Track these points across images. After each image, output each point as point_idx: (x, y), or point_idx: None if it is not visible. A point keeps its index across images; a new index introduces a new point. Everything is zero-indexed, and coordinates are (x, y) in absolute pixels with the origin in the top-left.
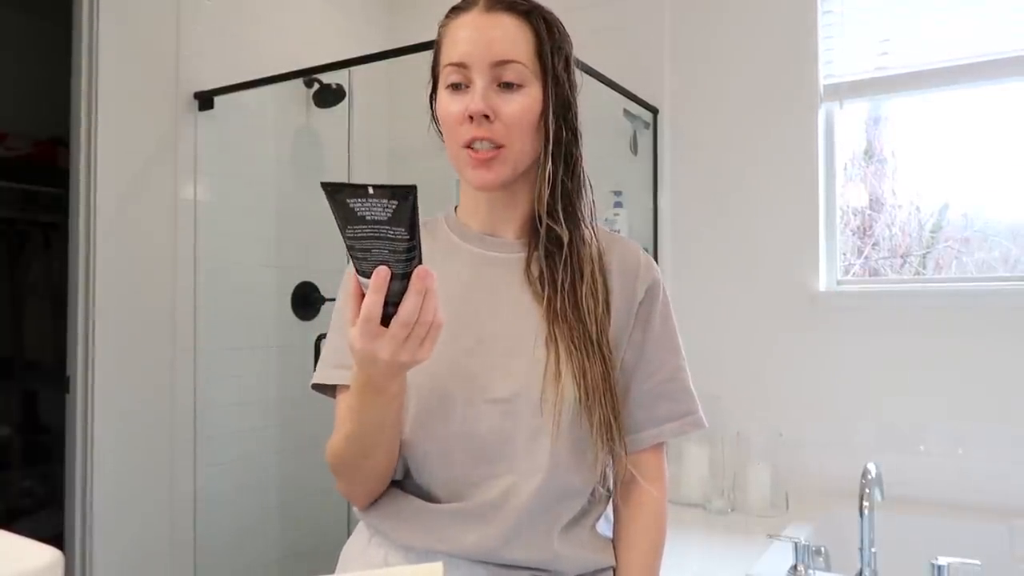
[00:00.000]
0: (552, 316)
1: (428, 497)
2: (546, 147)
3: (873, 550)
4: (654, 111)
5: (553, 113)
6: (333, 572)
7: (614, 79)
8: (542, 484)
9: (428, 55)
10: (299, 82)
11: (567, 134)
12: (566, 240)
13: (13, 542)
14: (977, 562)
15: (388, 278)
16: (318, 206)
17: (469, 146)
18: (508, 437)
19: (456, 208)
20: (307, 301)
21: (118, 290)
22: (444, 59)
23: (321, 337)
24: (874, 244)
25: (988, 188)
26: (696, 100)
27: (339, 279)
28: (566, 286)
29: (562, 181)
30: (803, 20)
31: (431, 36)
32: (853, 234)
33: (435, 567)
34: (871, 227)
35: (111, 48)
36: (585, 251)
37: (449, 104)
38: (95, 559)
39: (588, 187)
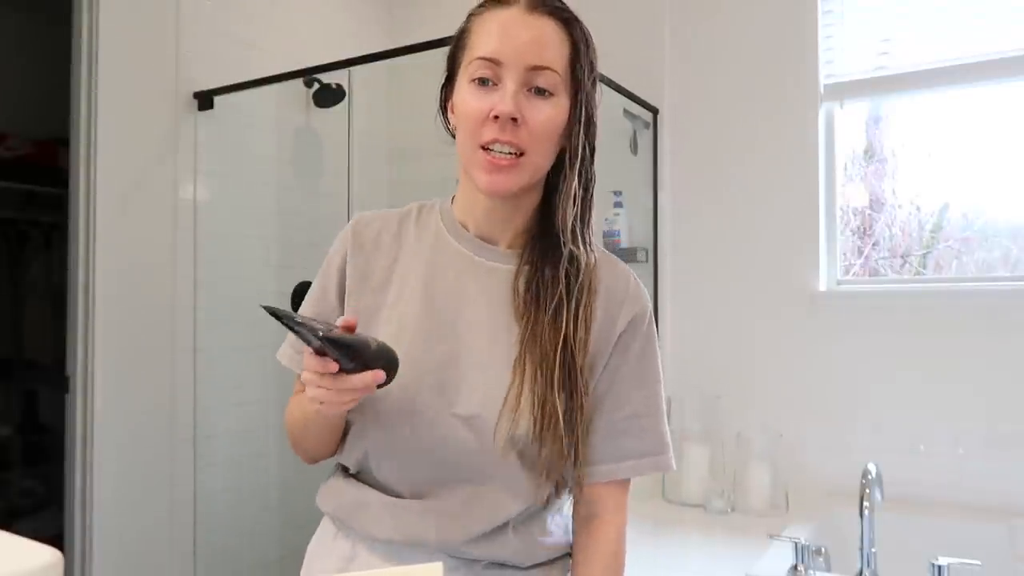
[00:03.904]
0: (527, 339)
1: (387, 491)
2: (571, 163)
3: (873, 550)
4: (654, 111)
5: (579, 129)
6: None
7: (614, 79)
8: (499, 495)
9: (429, 55)
10: (299, 82)
11: (590, 153)
12: (583, 263)
13: (13, 542)
14: (977, 562)
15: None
16: (318, 206)
17: (486, 147)
18: (470, 450)
19: (452, 200)
20: None
21: (118, 290)
22: (474, 51)
23: None
24: (874, 244)
25: (988, 188)
26: (696, 100)
27: None
28: (550, 310)
29: (582, 202)
30: (803, 20)
31: (431, 36)
32: (853, 234)
33: (435, 567)
34: (871, 227)
35: (111, 48)
36: (586, 276)
37: (473, 100)
38: (95, 559)
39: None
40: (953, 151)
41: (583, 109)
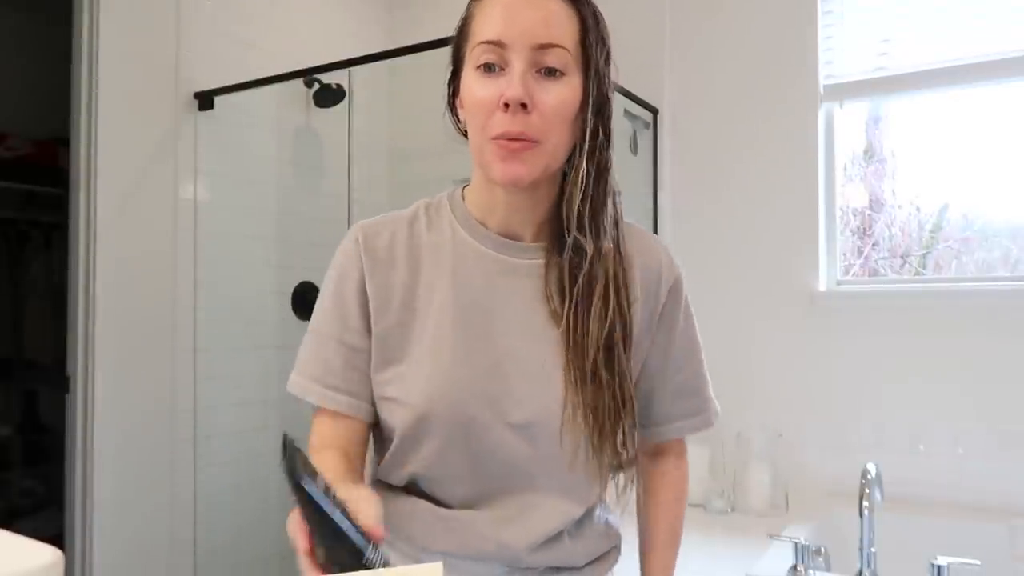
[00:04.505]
0: (569, 344)
1: (440, 503)
2: (581, 146)
3: (873, 550)
4: (654, 111)
5: (592, 109)
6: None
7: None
8: (559, 500)
9: (429, 55)
10: (299, 82)
11: (603, 133)
12: (589, 253)
13: (13, 542)
14: (977, 562)
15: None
16: (318, 206)
17: (498, 139)
18: (527, 458)
19: (463, 195)
20: (307, 301)
21: (118, 290)
22: (476, 37)
23: None
24: (874, 244)
25: (988, 188)
26: (696, 100)
27: None
28: (580, 310)
29: (593, 186)
30: (803, 20)
31: (431, 36)
32: (853, 234)
33: (435, 567)
34: (871, 227)
35: (111, 48)
36: (607, 266)
37: (479, 87)
38: (95, 559)
39: (614, 195)
40: (953, 151)
41: (596, 88)
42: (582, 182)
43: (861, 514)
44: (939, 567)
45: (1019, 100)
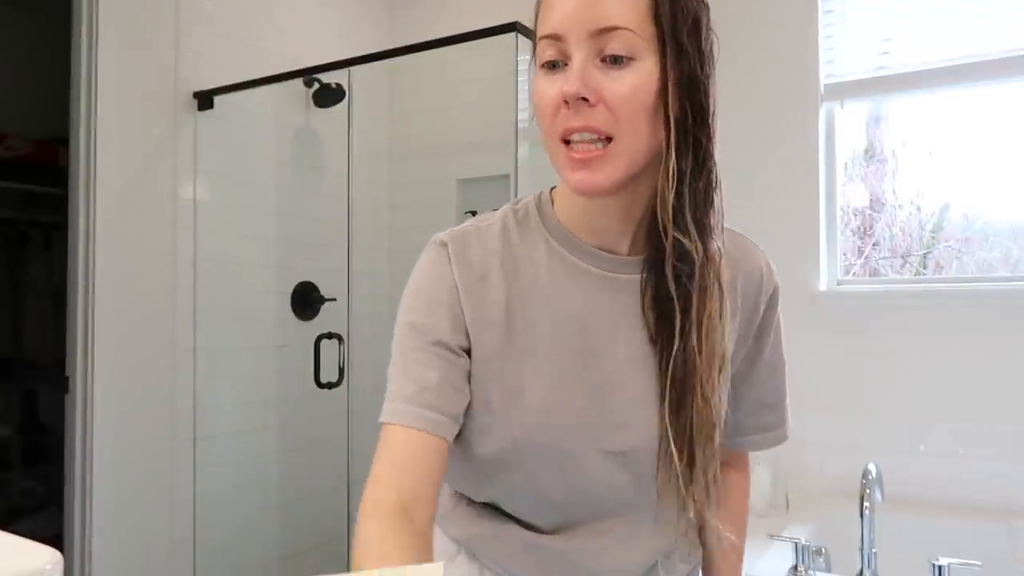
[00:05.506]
0: (666, 369)
1: (525, 526)
2: (667, 135)
3: (873, 550)
4: None
5: (676, 92)
6: (333, 571)
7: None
8: (653, 530)
9: (429, 55)
10: (299, 82)
11: (694, 119)
12: (698, 258)
13: (13, 542)
14: (977, 562)
15: None
16: (318, 206)
17: (567, 141)
18: (622, 487)
19: (552, 199)
20: (307, 301)
21: (118, 290)
22: (539, 32)
23: (321, 337)
24: (874, 244)
25: (988, 188)
26: None
27: (339, 279)
28: (678, 331)
29: (690, 180)
30: (804, 20)
31: (431, 36)
32: (853, 234)
33: (435, 567)
34: (871, 227)
35: (111, 48)
36: (711, 274)
37: (544, 86)
38: (95, 559)
39: (719, 188)
40: (953, 151)
41: (679, 67)
42: (673, 176)
43: (861, 514)
44: (939, 567)
45: (1019, 100)
